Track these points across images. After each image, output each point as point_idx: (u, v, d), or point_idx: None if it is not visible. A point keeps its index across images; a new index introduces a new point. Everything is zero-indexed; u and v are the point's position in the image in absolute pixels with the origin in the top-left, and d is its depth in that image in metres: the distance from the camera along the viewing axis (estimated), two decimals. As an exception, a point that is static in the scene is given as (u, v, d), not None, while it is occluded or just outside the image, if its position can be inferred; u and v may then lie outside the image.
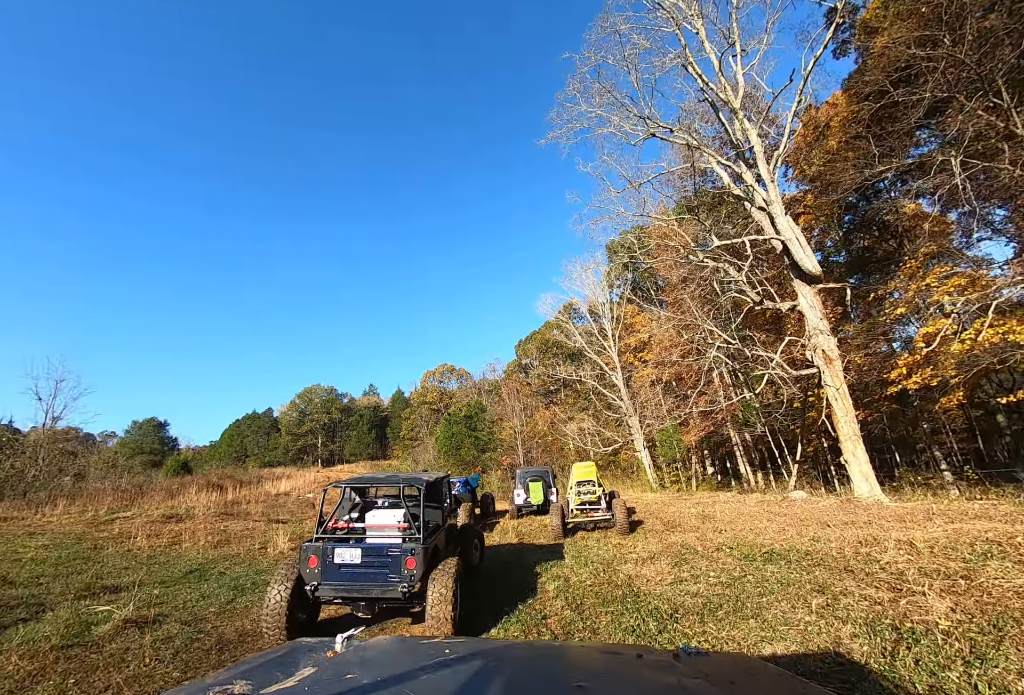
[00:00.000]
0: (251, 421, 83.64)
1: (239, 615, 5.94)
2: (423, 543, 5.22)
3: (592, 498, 10.83)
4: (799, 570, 5.90)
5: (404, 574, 5.03)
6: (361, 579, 5.09)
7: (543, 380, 56.07)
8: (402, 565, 5.06)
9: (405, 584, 5.00)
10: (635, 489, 31.11)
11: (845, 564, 5.92)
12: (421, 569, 5.07)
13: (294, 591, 5.04)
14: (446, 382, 78.53)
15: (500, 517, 15.43)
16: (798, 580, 5.49)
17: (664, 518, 12.43)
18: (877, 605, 4.46)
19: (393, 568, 5.08)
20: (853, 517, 10.72)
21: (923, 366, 14.41)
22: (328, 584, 5.10)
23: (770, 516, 11.78)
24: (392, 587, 5.00)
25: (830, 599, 4.78)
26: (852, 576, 5.45)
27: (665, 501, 18.75)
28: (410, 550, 5.11)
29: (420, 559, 5.08)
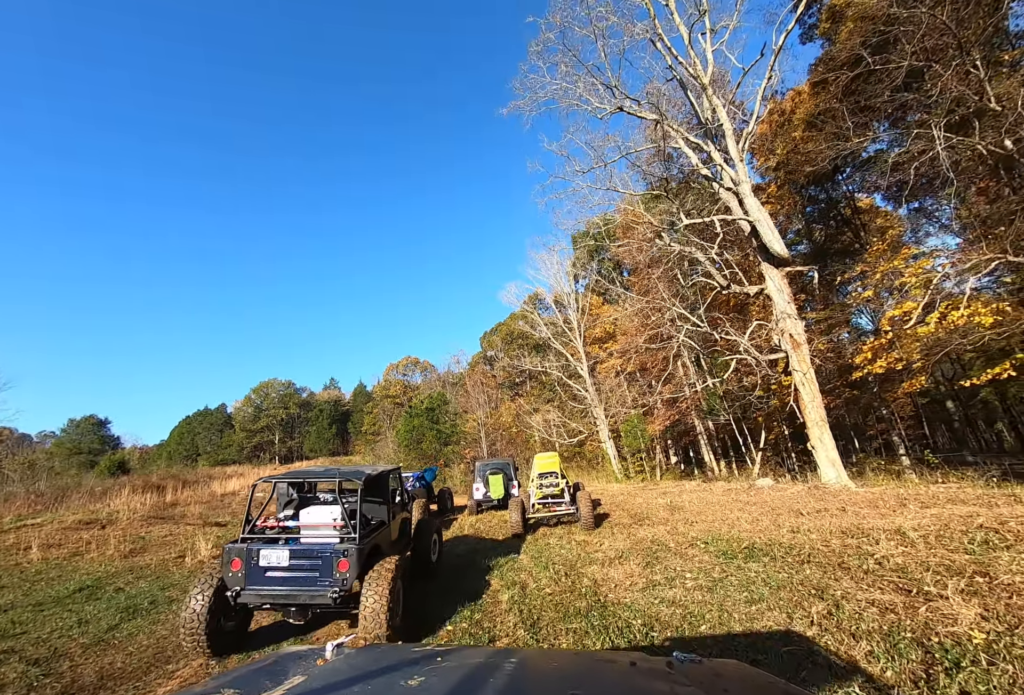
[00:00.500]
0: (203, 418, 79.68)
1: (115, 648, 4.78)
2: (358, 543, 4.83)
3: (555, 491, 9.98)
4: (787, 568, 5.18)
5: (336, 577, 4.66)
6: (289, 583, 4.72)
7: (508, 372, 55.26)
8: (334, 567, 4.69)
9: (337, 588, 4.61)
10: (600, 480, 30.73)
11: (837, 559, 5.23)
12: (355, 571, 4.68)
13: (216, 598, 4.62)
14: (410, 375, 76.75)
15: (460, 513, 14.46)
16: (788, 581, 4.74)
17: (631, 510, 11.73)
18: (890, 613, 3.72)
19: (324, 571, 4.71)
20: (825, 504, 10.28)
21: (888, 350, 14.20)
22: (252, 589, 4.70)
23: (740, 505, 11.25)
24: (322, 592, 4.61)
25: (831, 605, 4.03)
26: (849, 574, 4.74)
27: (631, 492, 18.20)
28: (342, 551, 4.73)
29: (354, 560, 4.70)
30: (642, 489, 19.70)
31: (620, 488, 21.72)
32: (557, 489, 9.97)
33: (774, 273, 15.12)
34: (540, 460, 10.96)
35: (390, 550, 5.95)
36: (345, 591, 4.63)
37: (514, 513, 9.39)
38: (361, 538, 4.98)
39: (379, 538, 5.57)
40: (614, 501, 14.42)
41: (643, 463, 32.71)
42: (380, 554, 5.43)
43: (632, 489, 20.06)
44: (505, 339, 52.55)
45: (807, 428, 14.10)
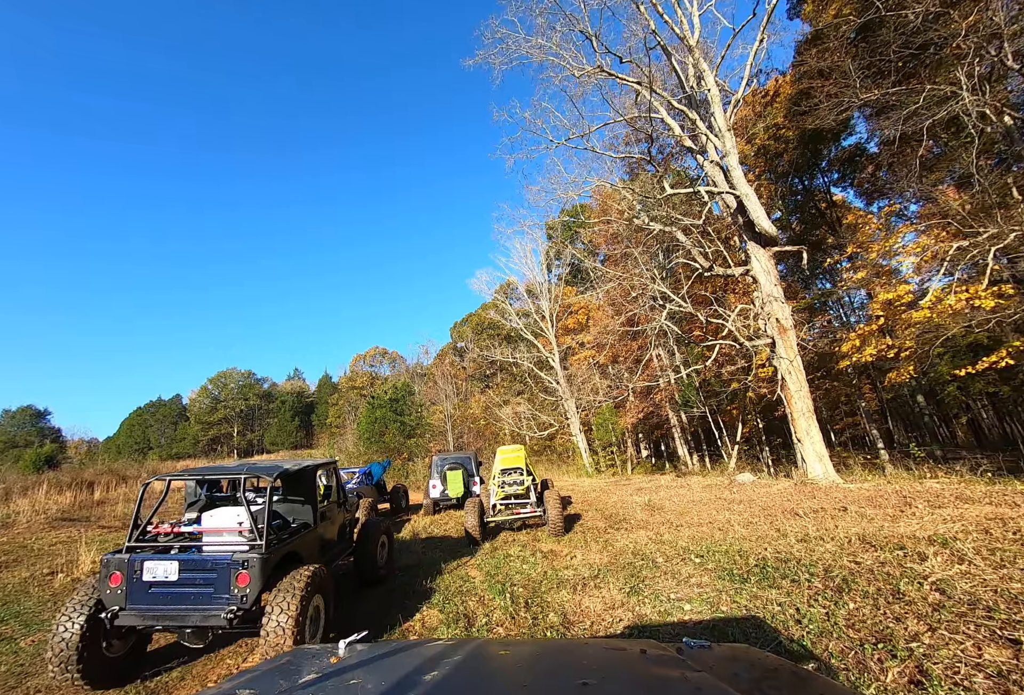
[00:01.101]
0: (156, 409, 75.57)
1: None
2: (264, 551, 4.16)
3: (519, 490, 8.56)
4: (821, 599, 3.87)
5: (234, 593, 4.02)
6: (177, 601, 4.08)
7: (479, 363, 53.77)
8: (231, 581, 4.04)
9: (234, 606, 3.93)
10: (571, 474, 29.77)
11: (883, 584, 3.95)
12: (258, 585, 4.03)
13: (94, 620, 3.99)
14: (377, 366, 74.34)
15: (417, 512, 12.92)
16: (832, 623, 3.42)
17: (605, 510, 10.45)
18: (1007, 680, 2.41)
19: (220, 585, 4.06)
20: (820, 502, 9.23)
21: (878, 336, 13.28)
22: (134, 609, 4.05)
23: (725, 504, 10.11)
24: (215, 611, 3.95)
25: (911, 667, 2.71)
26: (911, 611, 3.45)
27: (603, 487, 17.01)
28: (242, 562, 4.06)
29: (256, 572, 4.05)
30: (614, 484, 18.56)
31: (591, 483, 20.56)
32: (522, 488, 8.56)
33: (760, 253, 14.04)
34: (503, 454, 9.53)
35: (316, 557, 5.21)
36: (244, 609, 3.95)
37: (470, 516, 7.94)
38: (269, 545, 4.28)
39: (298, 544, 4.85)
40: (586, 499, 13.14)
41: (614, 457, 31.79)
42: (299, 562, 4.72)
43: (604, 484, 18.91)
44: (476, 329, 50.95)
45: (792, 420, 13.11)
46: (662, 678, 1.20)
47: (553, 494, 8.13)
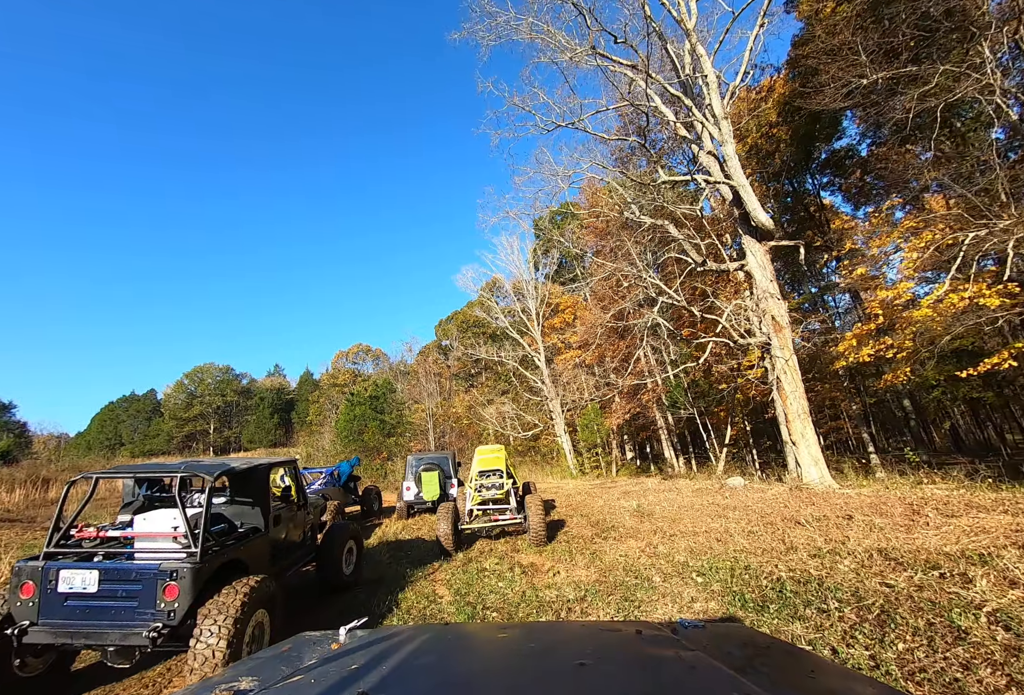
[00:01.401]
0: (128, 404, 73.32)
1: None
2: (197, 560, 3.76)
3: (498, 494, 7.78)
4: (861, 636, 3.15)
5: (160, 608, 3.58)
6: (96, 616, 3.61)
7: (463, 362, 52.93)
8: (157, 594, 3.60)
9: (160, 622, 3.51)
10: (555, 476, 29.16)
11: (934, 616, 3.25)
12: (188, 599, 3.61)
13: (1, 636, 3.55)
14: (360, 363, 72.95)
15: (390, 516, 12.06)
16: (887, 676, 2.70)
17: (591, 515, 9.72)
18: None
19: (144, 599, 3.63)
20: (821, 509, 8.63)
21: (875, 336, 12.78)
22: (46, 624, 3.58)
23: (719, 510, 9.46)
24: (137, 629, 3.49)
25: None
26: (983, 656, 2.75)
27: (588, 490, 16.32)
28: (170, 572, 3.65)
29: (187, 584, 3.63)
30: (600, 487, 17.90)
31: (576, 485, 19.88)
32: (501, 492, 7.78)
33: (756, 247, 13.47)
34: (481, 455, 8.75)
35: (266, 566, 4.79)
36: (171, 627, 3.52)
37: (443, 523, 7.14)
38: (205, 552, 3.86)
39: (244, 551, 4.43)
40: (571, 503, 12.42)
41: (599, 458, 31.20)
42: (244, 572, 4.24)
43: (589, 487, 18.23)
44: (460, 327, 50.11)
45: (787, 422, 12.54)
46: (657, 657, 1.21)
47: (535, 499, 7.37)
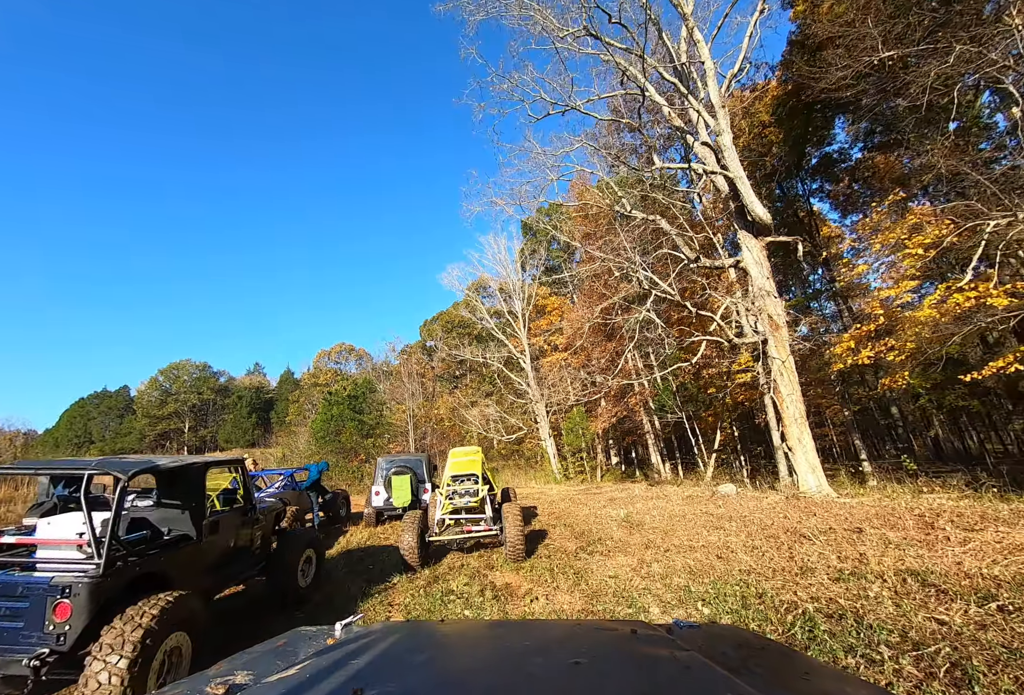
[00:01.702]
0: (99, 400, 70.91)
1: None
2: (99, 572, 3.13)
3: (472, 502, 6.92)
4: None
5: (49, 630, 2.98)
6: None
7: (448, 363, 51.92)
8: (46, 614, 3.00)
9: (48, 647, 2.92)
10: (538, 480, 28.37)
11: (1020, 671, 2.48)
12: (83, 619, 3.01)
13: None
14: (343, 363, 71.47)
15: (358, 523, 11.09)
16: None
17: (576, 525, 8.90)
18: None
19: (31, 619, 3.01)
20: (823, 521, 7.94)
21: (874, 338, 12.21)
22: None
23: (713, 520, 8.72)
24: (19, 655, 2.88)
25: None
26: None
27: (572, 496, 15.52)
28: (62, 588, 3.03)
29: (82, 602, 3.01)
30: (584, 492, 17.12)
31: (560, 491, 19.07)
32: (475, 499, 6.91)
33: (753, 243, 12.85)
34: (455, 457, 7.90)
35: (195, 579, 4.20)
36: (60, 652, 2.96)
37: (407, 534, 6.27)
38: (112, 563, 3.31)
39: (166, 562, 3.91)
40: (553, 510, 11.59)
41: (583, 463, 30.48)
42: (164, 586, 3.68)
43: (573, 493, 17.44)
44: (445, 327, 49.14)
45: (783, 426, 11.89)
46: (652, 657, 1.21)
47: (513, 508, 6.52)
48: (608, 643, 1.37)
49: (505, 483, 28.76)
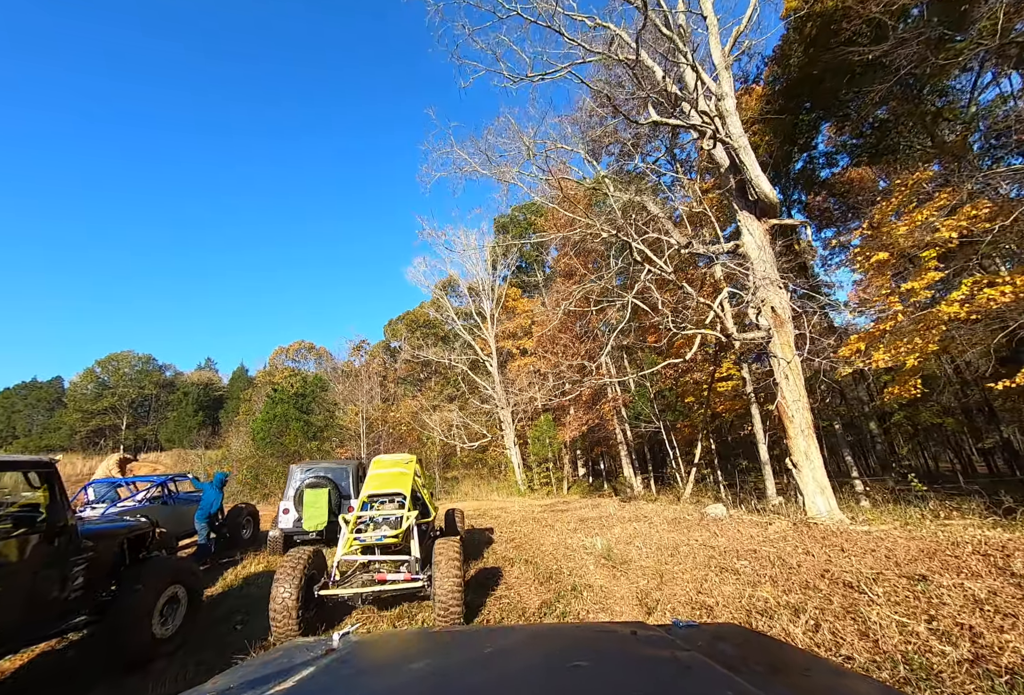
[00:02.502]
0: (28, 392, 65.05)
1: None
2: None
3: (389, 537, 4.67)
4: None
5: None
6: None
7: (412, 365, 49.26)
8: None
9: None
10: (501, 492, 26.27)
11: None
12: None
13: None
14: (302, 362, 67.63)
15: (263, 549, 8.62)
16: None
17: (540, 561, 6.78)
18: None
19: None
20: (859, 560, 6.18)
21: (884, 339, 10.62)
22: None
23: (716, 554, 6.77)
24: None
25: None
26: None
27: (537, 514, 13.43)
28: None
29: None
30: (551, 509, 15.06)
31: (523, 506, 16.96)
32: (394, 533, 4.67)
33: (755, 225, 11.15)
34: (377, 468, 5.69)
35: None
36: None
37: (282, 585, 4.05)
38: None
39: None
40: (514, 535, 9.43)
41: (549, 474, 28.47)
42: None
43: (538, 509, 15.36)
44: (410, 327, 46.52)
45: (787, 439, 10.09)
46: (653, 658, 1.21)
47: (448, 549, 4.33)
48: (608, 645, 1.37)
49: (464, 496, 26.37)
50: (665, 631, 1.42)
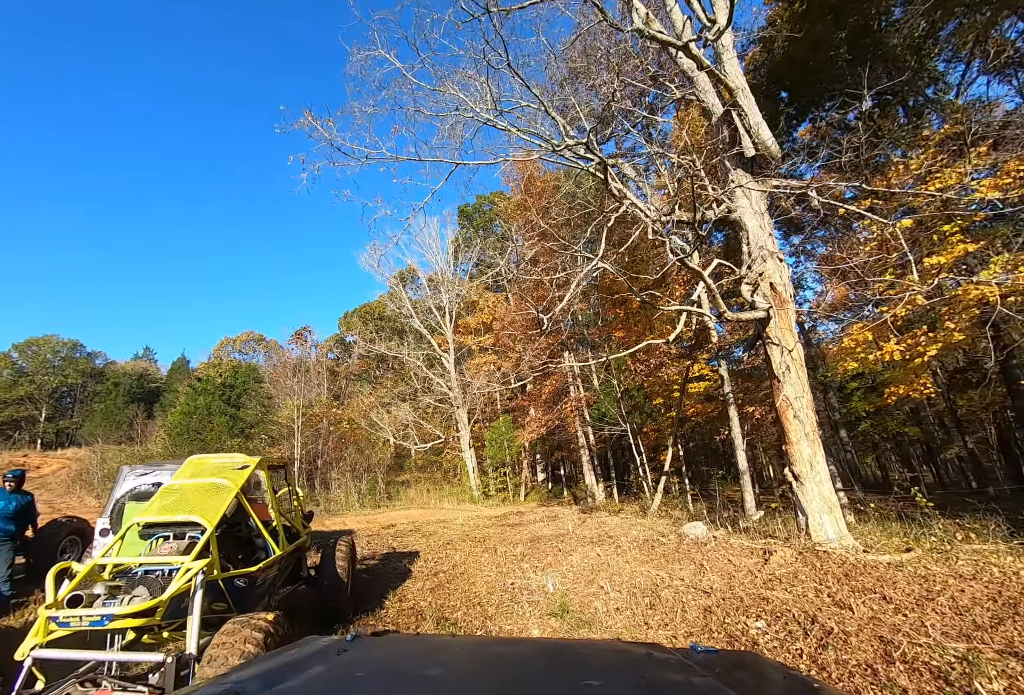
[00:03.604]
0: (-70, 379, 58.08)
1: None
2: None
3: (124, 616, 2.36)
4: None
5: None
6: None
7: (367, 361, 46.30)
8: None
9: None
10: (453, 498, 24.07)
11: None
12: None
13: None
14: (250, 354, 63.23)
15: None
16: None
17: (461, 613, 4.58)
18: None
19: None
20: (916, 615, 4.41)
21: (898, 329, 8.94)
22: None
23: (716, 606, 4.76)
24: None
25: None
26: None
27: (482, 531, 11.23)
28: None
29: None
30: (501, 521, 12.91)
31: (472, 517, 14.71)
32: (136, 611, 2.34)
33: (752, 186, 9.33)
34: (177, 478, 3.34)
35: None
36: None
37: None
38: None
39: None
40: (441, 563, 7.16)
41: (506, 479, 26.35)
42: None
43: (487, 521, 13.17)
44: (364, 319, 43.53)
45: (787, 444, 8.17)
46: (667, 682, 1.18)
47: (242, 631, 2.06)
48: (622, 665, 1.31)
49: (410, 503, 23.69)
50: (682, 655, 1.36)
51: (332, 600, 4.22)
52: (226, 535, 3.48)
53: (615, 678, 1.16)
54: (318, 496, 21.37)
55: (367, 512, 18.59)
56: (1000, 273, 7.99)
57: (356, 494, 21.40)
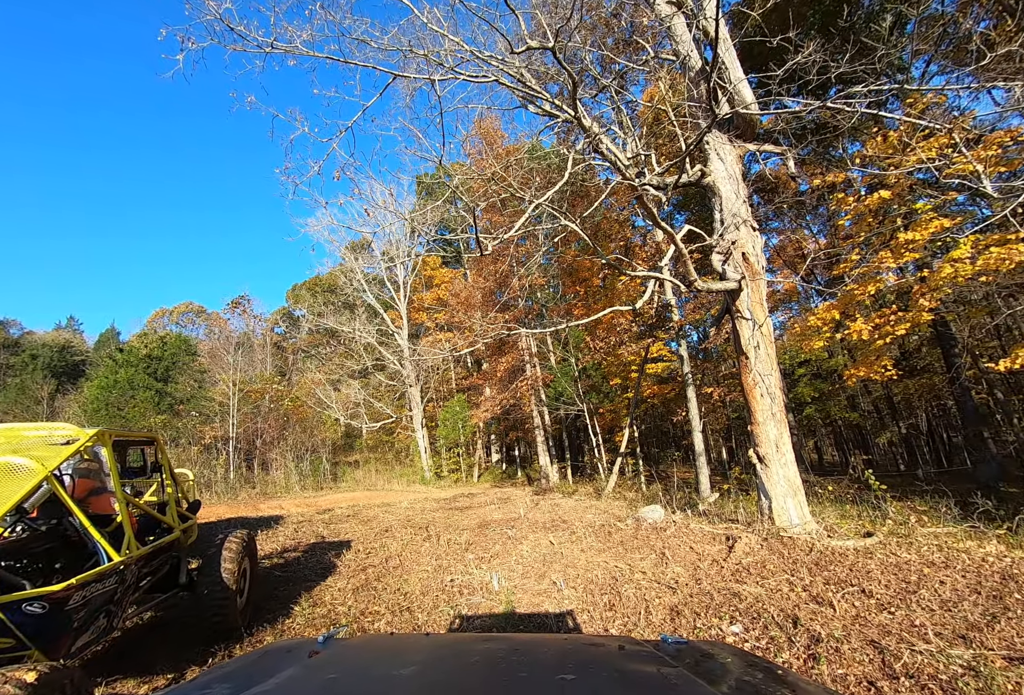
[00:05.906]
0: None
1: None
2: None
3: None
4: None
5: None
6: None
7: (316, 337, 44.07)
8: None
9: None
10: (404, 479, 23.28)
11: None
12: None
13: None
14: (188, 326, 58.96)
15: None
16: None
17: (387, 619, 3.75)
18: None
19: None
20: (902, 614, 3.86)
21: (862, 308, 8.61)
22: None
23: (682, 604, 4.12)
24: None
25: None
26: None
27: (428, 514, 10.44)
28: None
29: None
30: (450, 505, 12.18)
31: (418, 499, 13.92)
32: None
33: (727, 149, 8.60)
34: None
35: None
36: None
37: None
38: None
39: None
40: (374, 555, 6.29)
41: (460, 460, 25.67)
42: None
43: (434, 504, 12.41)
44: (313, 291, 41.22)
45: (753, 424, 7.71)
46: (640, 673, 1.19)
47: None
48: (596, 659, 1.34)
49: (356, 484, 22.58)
50: (653, 647, 1.39)
51: (214, 612, 3.29)
52: (43, 537, 2.49)
53: (589, 672, 1.18)
54: (256, 478, 19.97)
55: (308, 495, 17.46)
56: (969, 251, 7.70)
57: (297, 475, 20.11)
